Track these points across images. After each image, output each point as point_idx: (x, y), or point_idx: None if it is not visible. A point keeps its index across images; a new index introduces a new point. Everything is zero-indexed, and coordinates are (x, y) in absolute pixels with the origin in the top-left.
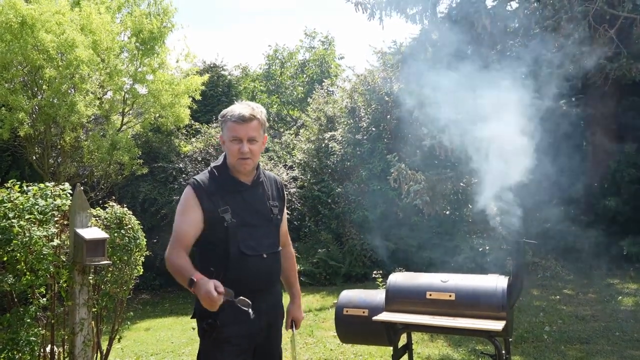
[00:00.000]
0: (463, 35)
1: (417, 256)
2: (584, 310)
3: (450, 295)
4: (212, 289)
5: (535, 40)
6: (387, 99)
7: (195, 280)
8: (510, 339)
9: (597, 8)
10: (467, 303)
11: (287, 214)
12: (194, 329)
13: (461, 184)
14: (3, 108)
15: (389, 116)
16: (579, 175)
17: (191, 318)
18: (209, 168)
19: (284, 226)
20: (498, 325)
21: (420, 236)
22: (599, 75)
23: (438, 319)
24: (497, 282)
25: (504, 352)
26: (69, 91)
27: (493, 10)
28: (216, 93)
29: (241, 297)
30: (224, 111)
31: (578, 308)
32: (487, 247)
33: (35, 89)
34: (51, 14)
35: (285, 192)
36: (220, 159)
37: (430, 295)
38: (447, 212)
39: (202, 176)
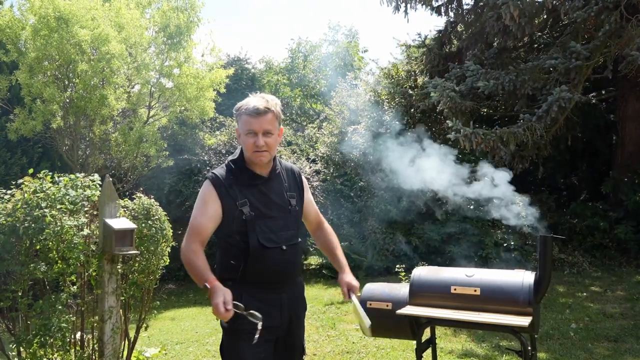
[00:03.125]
0: (490, 27)
1: (441, 250)
2: (612, 308)
3: (475, 290)
4: (221, 305)
5: (564, 32)
6: (410, 92)
7: (209, 287)
8: (536, 335)
9: None
10: (492, 298)
11: (311, 198)
12: (217, 319)
13: (485, 179)
14: (38, 100)
15: (412, 109)
16: (609, 170)
17: None
18: (226, 162)
19: (314, 208)
20: (524, 321)
21: (444, 230)
22: (631, 67)
23: (462, 313)
24: (523, 278)
25: (529, 348)
26: (99, 84)
27: (521, 0)
28: (240, 86)
29: (252, 311)
30: (239, 104)
31: (606, 305)
32: (512, 243)
33: (67, 82)
34: (86, 10)
35: (304, 179)
36: (237, 152)
37: (455, 289)
38: (471, 207)
39: (220, 170)
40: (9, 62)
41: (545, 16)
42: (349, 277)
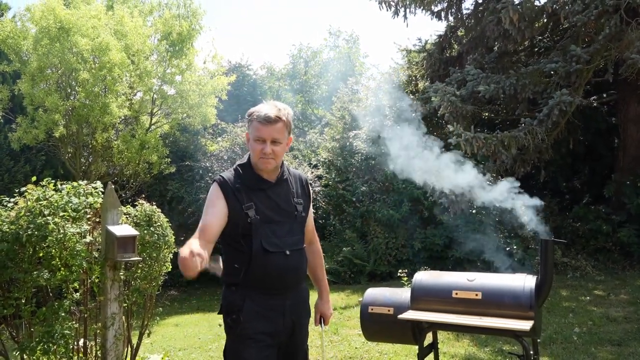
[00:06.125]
0: (490, 31)
1: (443, 255)
2: (616, 312)
3: (476, 294)
4: (187, 249)
5: (564, 35)
6: (411, 96)
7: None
8: (538, 340)
9: (629, 1)
10: (494, 302)
11: (312, 212)
12: (220, 325)
13: (487, 183)
14: (40, 109)
15: (413, 114)
16: (611, 173)
17: (218, 314)
18: (234, 166)
19: (311, 223)
20: (526, 325)
21: (446, 235)
22: (631, 70)
23: (464, 318)
24: (524, 281)
25: (532, 352)
26: (101, 92)
27: (520, 5)
28: (242, 92)
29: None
30: (251, 110)
31: (609, 309)
32: (515, 247)
33: (69, 90)
34: (87, 19)
35: (311, 189)
36: (245, 157)
37: (457, 294)
38: (474, 211)
39: (228, 173)
40: (11, 72)
41: (545, 20)
42: (325, 305)
